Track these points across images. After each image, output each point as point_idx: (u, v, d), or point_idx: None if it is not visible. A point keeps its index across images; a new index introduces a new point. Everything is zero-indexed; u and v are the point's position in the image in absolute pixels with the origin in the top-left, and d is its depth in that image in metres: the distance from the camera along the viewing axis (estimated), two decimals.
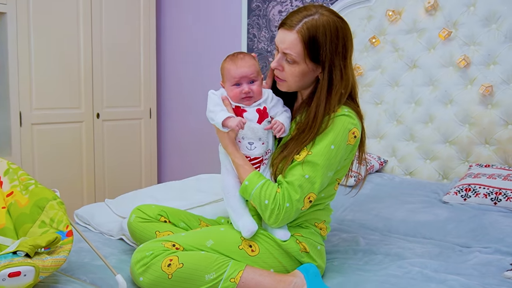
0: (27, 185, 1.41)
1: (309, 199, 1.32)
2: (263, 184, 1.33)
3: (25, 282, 1.08)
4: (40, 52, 2.91)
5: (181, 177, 3.51)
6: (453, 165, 2.46)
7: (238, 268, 1.26)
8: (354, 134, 1.36)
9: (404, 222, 1.92)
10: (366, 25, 2.72)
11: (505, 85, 2.30)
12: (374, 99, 2.71)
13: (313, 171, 1.31)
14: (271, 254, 1.35)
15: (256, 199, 1.33)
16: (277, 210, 1.30)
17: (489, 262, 1.55)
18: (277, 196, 1.31)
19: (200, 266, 1.23)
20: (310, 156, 1.31)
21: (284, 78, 1.38)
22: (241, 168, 1.38)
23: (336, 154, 1.32)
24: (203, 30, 3.60)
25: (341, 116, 1.33)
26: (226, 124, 1.36)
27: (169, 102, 3.89)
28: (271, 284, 1.26)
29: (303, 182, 1.30)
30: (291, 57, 1.32)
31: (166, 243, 1.27)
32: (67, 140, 3.12)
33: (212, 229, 1.39)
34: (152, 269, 1.23)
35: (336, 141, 1.32)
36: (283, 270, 1.37)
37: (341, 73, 1.32)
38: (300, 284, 1.27)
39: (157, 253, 1.24)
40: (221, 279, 1.23)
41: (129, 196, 2.07)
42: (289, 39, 1.30)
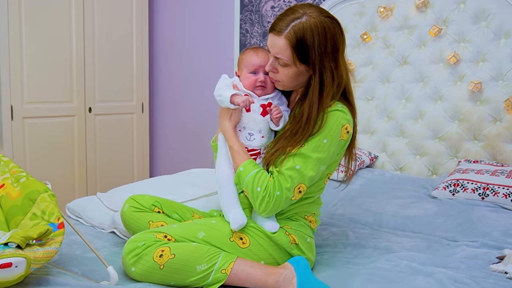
0: (18, 177, 1.42)
1: (299, 189, 1.34)
2: (256, 172, 1.35)
3: (16, 274, 1.08)
4: (31, 46, 2.89)
5: (173, 172, 3.51)
6: (442, 160, 2.48)
7: (229, 259, 1.28)
8: (347, 130, 1.38)
9: (394, 217, 1.95)
10: (357, 21, 2.74)
11: (493, 82, 2.32)
12: (365, 95, 2.73)
13: (304, 162, 1.33)
14: (261, 247, 1.37)
15: (249, 186, 1.35)
16: (267, 198, 1.32)
17: (475, 256, 1.58)
18: (269, 184, 1.33)
19: (192, 257, 1.25)
20: (302, 148, 1.33)
21: (279, 79, 1.41)
22: (237, 154, 1.40)
23: (329, 149, 1.35)
24: (196, 25, 3.60)
25: (334, 111, 1.35)
26: (233, 100, 1.38)
27: (162, 97, 3.89)
28: (262, 276, 1.28)
29: (294, 172, 1.33)
30: (282, 61, 1.35)
31: (158, 234, 1.29)
32: (59, 134, 3.11)
33: (204, 221, 1.41)
34: (144, 260, 1.25)
35: (329, 136, 1.34)
36: (274, 262, 1.39)
37: (332, 74, 1.34)
38: (290, 276, 1.28)
39: (149, 244, 1.26)
40: (212, 270, 1.25)
41: (121, 189, 2.07)
42: (279, 44, 1.32)
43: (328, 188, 2.28)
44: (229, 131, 1.43)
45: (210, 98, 3.62)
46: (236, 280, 1.27)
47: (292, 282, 1.27)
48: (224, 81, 1.47)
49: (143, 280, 1.27)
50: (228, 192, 1.41)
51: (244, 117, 1.44)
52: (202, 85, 3.61)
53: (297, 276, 1.28)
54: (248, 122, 1.44)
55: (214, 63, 3.53)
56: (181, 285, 1.27)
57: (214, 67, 3.53)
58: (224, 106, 1.42)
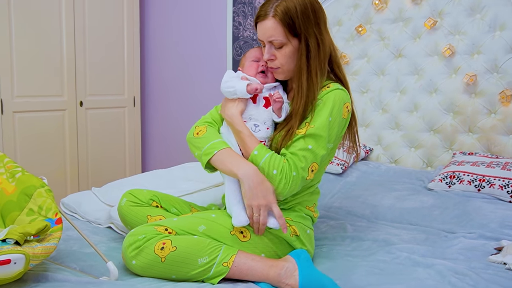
0: (13, 172, 1.39)
1: (312, 168, 1.37)
2: (271, 155, 1.36)
3: (15, 270, 1.06)
4: (21, 39, 2.84)
5: (165, 166, 3.49)
6: (437, 153, 2.49)
7: (231, 252, 1.27)
8: (348, 108, 1.43)
9: (391, 209, 1.95)
10: (352, 13, 2.73)
11: (488, 74, 2.33)
12: (360, 88, 2.73)
13: (316, 142, 1.36)
14: (261, 240, 1.37)
15: (265, 169, 1.35)
16: (284, 179, 1.34)
17: (473, 247, 1.59)
18: (284, 166, 1.34)
19: (193, 250, 1.24)
20: (312, 129, 1.36)
21: (278, 65, 1.43)
22: (248, 139, 1.39)
23: (334, 126, 1.39)
24: (188, 18, 3.56)
25: (335, 90, 1.40)
26: (250, 90, 1.41)
27: (153, 91, 3.85)
28: (263, 268, 1.28)
29: (307, 152, 1.35)
30: (277, 41, 1.38)
31: (159, 227, 1.28)
32: (50, 129, 3.06)
33: (204, 214, 1.40)
34: (145, 252, 1.24)
35: (333, 114, 1.38)
36: (274, 255, 1.39)
37: (316, 40, 1.39)
38: (291, 269, 1.28)
39: (150, 237, 1.25)
40: (213, 263, 1.24)
41: (116, 184, 2.05)
42: (269, 26, 1.37)
43: (324, 181, 2.30)
44: (237, 117, 1.42)
45: (203, 91, 3.62)
46: (238, 273, 1.26)
47: (294, 274, 1.27)
48: (231, 74, 1.49)
49: (144, 273, 1.26)
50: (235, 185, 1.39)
51: (249, 108, 1.45)
52: (195, 78, 3.58)
53: (298, 269, 1.28)
54: (254, 113, 1.45)
55: (207, 56, 3.50)
56: (182, 278, 1.26)
57: (206, 60, 3.50)
58: (235, 97, 1.44)
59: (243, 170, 1.34)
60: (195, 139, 1.49)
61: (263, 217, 1.33)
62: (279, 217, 1.33)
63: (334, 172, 2.39)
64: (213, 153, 1.40)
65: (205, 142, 1.44)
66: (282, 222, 1.34)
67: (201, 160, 1.44)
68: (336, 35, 2.79)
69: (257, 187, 1.32)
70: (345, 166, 2.39)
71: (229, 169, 1.36)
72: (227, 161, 1.38)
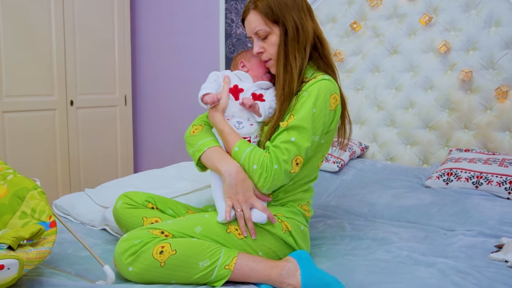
0: (5, 174, 1.35)
1: (296, 161, 1.34)
2: (251, 150, 1.35)
3: (9, 276, 1.03)
4: (10, 37, 2.78)
5: (157, 165, 3.46)
6: (433, 150, 2.48)
7: (232, 254, 1.25)
8: (336, 99, 1.40)
9: (389, 207, 1.94)
10: (347, 10, 2.71)
11: (484, 71, 2.32)
12: (355, 85, 2.71)
13: (299, 134, 1.33)
14: (257, 238, 1.34)
15: (245, 164, 1.34)
16: (265, 173, 1.32)
17: (474, 245, 1.57)
18: (264, 160, 1.33)
19: (193, 253, 1.21)
20: (294, 120, 1.34)
21: (269, 56, 1.44)
22: (229, 136, 1.39)
23: (319, 118, 1.35)
24: (180, 16, 3.52)
25: (321, 81, 1.37)
26: (204, 100, 1.42)
27: (145, 89, 3.80)
28: (265, 269, 1.25)
29: (289, 145, 1.33)
30: (261, 31, 1.41)
31: (154, 230, 1.23)
32: (40, 129, 3.01)
33: (198, 215, 1.37)
34: (143, 258, 1.18)
35: (317, 105, 1.35)
36: (271, 253, 1.37)
37: (295, 25, 1.39)
38: (293, 269, 1.26)
39: (146, 241, 1.20)
40: (215, 266, 1.21)
41: (110, 185, 2.01)
42: (252, 19, 1.41)
43: (320, 179, 2.28)
44: (218, 116, 1.42)
45: (194, 90, 3.57)
46: (240, 275, 1.23)
47: (296, 274, 1.25)
48: (208, 78, 1.49)
49: (141, 280, 1.21)
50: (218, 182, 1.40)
51: (233, 106, 1.45)
52: (187, 76, 3.54)
53: (300, 269, 1.26)
54: (236, 110, 1.44)
55: (199, 54, 3.46)
56: (183, 283, 1.22)
57: (198, 57, 3.46)
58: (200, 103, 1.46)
59: (225, 167, 1.35)
60: (190, 137, 1.50)
61: (246, 213, 1.32)
62: (263, 210, 1.33)
63: (330, 170, 2.37)
64: (203, 150, 1.41)
65: (198, 140, 1.45)
66: (268, 214, 1.34)
67: (194, 157, 1.45)
68: (330, 32, 2.77)
69: (238, 184, 1.33)
70: (341, 164, 2.37)
71: (215, 166, 1.38)
72: (214, 158, 1.39)
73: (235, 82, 1.48)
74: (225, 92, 1.45)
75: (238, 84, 1.48)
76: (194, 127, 1.51)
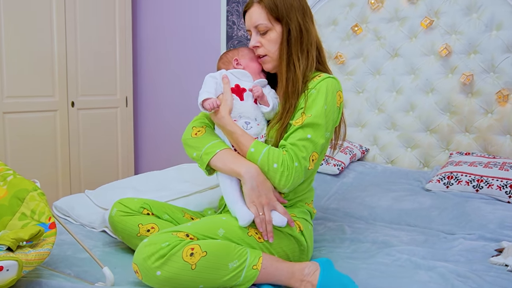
0: (5, 175, 1.35)
1: (312, 158, 1.36)
2: (268, 149, 1.35)
3: (8, 277, 1.03)
4: (11, 38, 2.78)
5: (158, 167, 3.45)
6: (434, 153, 2.48)
7: (257, 255, 1.24)
8: (340, 96, 1.43)
9: (389, 210, 1.94)
10: (348, 12, 2.71)
11: (485, 74, 2.32)
12: (356, 88, 2.71)
13: (314, 131, 1.35)
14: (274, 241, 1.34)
15: (265, 165, 1.33)
16: (286, 171, 1.32)
17: (474, 249, 1.57)
18: (284, 158, 1.33)
19: (223, 254, 1.18)
20: (309, 118, 1.35)
21: (265, 52, 1.45)
22: (242, 138, 1.38)
23: (330, 114, 1.38)
24: (181, 17, 3.53)
25: (327, 79, 1.40)
26: (204, 106, 1.41)
27: (146, 91, 3.81)
28: (288, 267, 1.27)
29: (306, 142, 1.34)
30: (262, 26, 1.42)
31: (179, 233, 1.19)
32: (41, 130, 3.01)
33: (216, 218, 1.34)
34: (173, 261, 1.13)
35: (328, 101, 1.38)
36: (283, 254, 1.37)
37: (300, 26, 1.41)
38: (313, 268, 1.28)
39: (174, 244, 1.15)
40: (243, 267, 1.20)
41: (110, 186, 2.01)
42: (254, 13, 1.42)
43: (320, 182, 2.28)
44: (226, 118, 1.40)
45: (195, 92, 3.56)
46: (266, 275, 1.23)
47: (315, 273, 1.26)
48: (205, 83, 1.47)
49: (169, 285, 1.15)
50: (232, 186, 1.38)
51: (239, 106, 1.43)
52: (188, 78, 3.55)
53: (320, 268, 1.27)
54: (243, 110, 1.43)
55: (200, 55, 3.46)
56: (210, 286, 1.18)
57: (200, 59, 3.46)
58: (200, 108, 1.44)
59: (245, 169, 1.33)
60: (192, 139, 1.47)
61: (268, 216, 1.32)
62: (284, 213, 1.34)
63: (331, 173, 2.37)
64: (215, 152, 1.38)
65: (205, 142, 1.43)
66: (288, 218, 1.35)
67: (201, 160, 1.41)
68: (331, 35, 2.77)
69: (259, 185, 1.32)
70: (341, 166, 2.37)
71: (231, 169, 1.35)
72: (229, 160, 1.36)
73: (235, 81, 1.46)
74: (228, 92, 1.43)
75: (238, 83, 1.46)
76: (195, 129, 1.49)
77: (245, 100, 1.43)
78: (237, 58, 1.52)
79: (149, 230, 1.43)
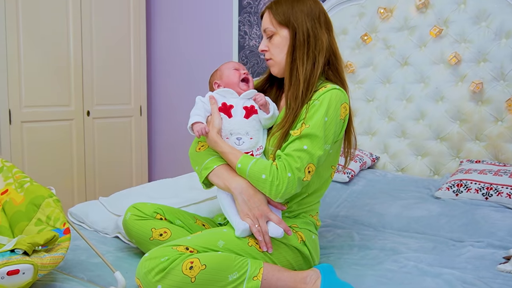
0: (22, 182, 1.40)
1: (308, 169, 1.33)
2: (255, 161, 1.35)
3: (24, 280, 1.07)
4: (29, 49, 2.87)
5: (171, 175, 3.50)
6: (444, 161, 2.48)
7: (258, 265, 1.25)
8: (346, 108, 1.41)
9: (398, 218, 1.94)
10: (357, 22, 2.73)
11: (495, 82, 2.32)
12: (366, 96, 2.73)
13: (311, 142, 1.33)
14: (275, 251, 1.36)
15: (253, 177, 1.34)
16: (276, 180, 1.31)
17: (482, 256, 1.58)
18: (273, 168, 1.32)
19: (223, 266, 1.19)
20: (307, 129, 1.34)
21: (270, 56, 1.48)
22: (230, 155, 1.39)
23: (330, 127, 1.36)
24: (194, 28, 3.59)
25: (332, 90, 1.38)
26: (193, 129, 1.44)
27: (160, 100, 3.87)
28: (290, 277, 1.27)
29: (302, 153, 1.32)
30: (268, 30, 1.45)
31: (178, 247, 1.21)
32: (57, 138, 3.08)
33: (217, 230, 1.36)
34: (172, 274, 1.15)
35: (329, 114, 1.36)
36: (287, 264, 1.39)
37: (307, 32, 1.41)
38: (314, 277, 1.29)
39: (174, 258, 1.17)
40: (244, 279, 1.21)
41: (123, 194, 2.05)
42: (264, 18, 1.47)
43: (330, 189, 2.29)
44: (214, 138, 1.41)
45: None
46: (267, 285, 1.23)
47: (316, 282, 1.28)
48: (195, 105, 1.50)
49: None
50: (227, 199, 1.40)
51: (228, 124, 1.45)
52: (201, 88, 3.59)
53: (321, 276, 1.29)
54: (234, 127, 1.44)
55: (213, 65, 3.50)
56: None
57: (212, 69, 3.49)
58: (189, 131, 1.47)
59: (235, 184, 1.35)
60: (196, 154, 1.51)
61: (263, 227, 1.33)
62: (279, 223, 1.34)
63: (341, 180, 2.38)
64: (212, 168, 1.41)
65: (205, 158, 1.45)
66: (284, 227, 1.34)
67: (201, 174, 1.45)
68: (341, 44, 2.80)
69: (250, 199, 1.34)
70: (351, 174, 2.39)
71: (224, 184, 1.38)
72: (223, 176, 1.39)
73: (221, 100, 1.49)
74: (215, 113, 1.45)
75: (225, 101, 1.48)
76: (200, 144, 1.51)
77: (233, 117, 1.45)
78: (216, 81, 1.57)
79: (162, 235, 1.46)
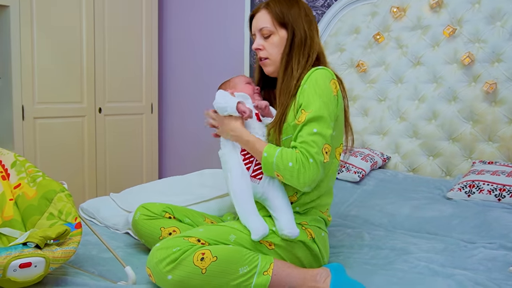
0: (34, 177, 1.41)
1: (325, 150, 1.34)
2: (281, 150, 1.35)
3: (35, 273, 1.08)
4: (43, 46, 2.90)
5: (182, 172, 3.51)
6: (456, 161, 2.46)
7: (268, 261, 1.25)
8: (335, 84, 1.41)
9: (409, 218, 1.93)
10: (370, 21, 2.72)
11: (509, 82, 2.30)
12: (378, 96, 2.71)
13: (319, 123, 1.34)
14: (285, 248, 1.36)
15: (280, 166, 1.33)
16: (302, 168, 1.31)
17: (494, 258, 1.56)
18: (298, 156, 1.32)
19: (234, 259, 1.20)
20: (310, 113, 1.34)
21: (267, 55, 1.49)
22: (257, 144, 1.41)
23: (329, 104, 1.37)
24: (206, 27, 3.60)
25: (315, 71, 1.39)
26: (238, 107, 1.45)
27: (171, 97, 3.88)
28: (300, 274, 1.27)
29: (314, 136, 1.33)
30: (266, 30, 1.46)
31: (190, 238, 1.22)
32: (69, 135, 3.11)
33: (228, 225, 1.37)
34: (183, 265, 1.17)
35: (324, 93, 1.37)
36: (297, 261, 1.39)
37: (305, 33, 1.45)
38: (324, 275, 1.29)
39: (185, 248, 1.19)
40: (254, 273, 1.21)
41: (134, 190, 2.07)
42: (260, 17, 1.48)
43: (340, 189, 2.28)
44: (240, 128, 1.45)
45: None
46: (277, 282, 1.23)
47: (326, 280, 1.27)
48: (221, 93, 1.54)
49: None
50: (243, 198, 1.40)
51: (248, 124, 1.49)
52: (212, 86, 3.60)
53: (332, 274, 1.29)
54: (254, 128, 1.48)
55: (224, 64, 3.52)
56: None
57: (223, 67, 3.52)
58: (226, 113, 1.48)
59: None
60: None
61: None
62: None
63: (351, 180, 2.37)
64: None
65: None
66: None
67: None
68: (353, 43, 2.79)
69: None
70: (362, 174, 2.38)
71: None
72: None
73: None
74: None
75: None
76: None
77: (252, 119, 1.50)
78: (229, 90, 1.58)
79: (171, 233, 1.47)
